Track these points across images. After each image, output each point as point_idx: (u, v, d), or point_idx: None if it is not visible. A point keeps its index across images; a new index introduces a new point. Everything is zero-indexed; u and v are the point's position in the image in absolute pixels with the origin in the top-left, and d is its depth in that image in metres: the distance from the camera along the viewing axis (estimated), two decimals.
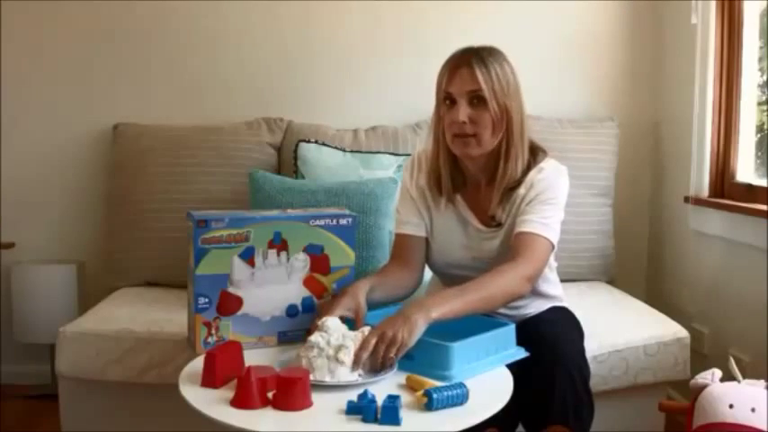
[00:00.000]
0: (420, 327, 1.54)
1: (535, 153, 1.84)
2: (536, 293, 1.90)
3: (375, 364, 1.51)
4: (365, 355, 1.50)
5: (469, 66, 1.74)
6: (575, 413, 1.64)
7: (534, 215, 1.76)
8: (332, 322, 1.56)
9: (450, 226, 1.88)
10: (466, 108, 1.74)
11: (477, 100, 1.74)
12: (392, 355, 1.51)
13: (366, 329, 1.57)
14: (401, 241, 1.92)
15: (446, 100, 1.78)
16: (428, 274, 2.04)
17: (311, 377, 1.46)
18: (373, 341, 1.51)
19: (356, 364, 1.50)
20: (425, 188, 1.90)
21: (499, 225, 1.83)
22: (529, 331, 1.74)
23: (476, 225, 1.85)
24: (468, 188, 1.88)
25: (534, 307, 1.91)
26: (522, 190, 1.80)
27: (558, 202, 1.81)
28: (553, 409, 1.63)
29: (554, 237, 1.77)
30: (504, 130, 1.77)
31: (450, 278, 1.89)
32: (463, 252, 1.87)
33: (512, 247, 1.76)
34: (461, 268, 1.86)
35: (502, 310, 1.85)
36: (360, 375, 1.51)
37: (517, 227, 1.77)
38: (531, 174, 1.80)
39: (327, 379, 1.48)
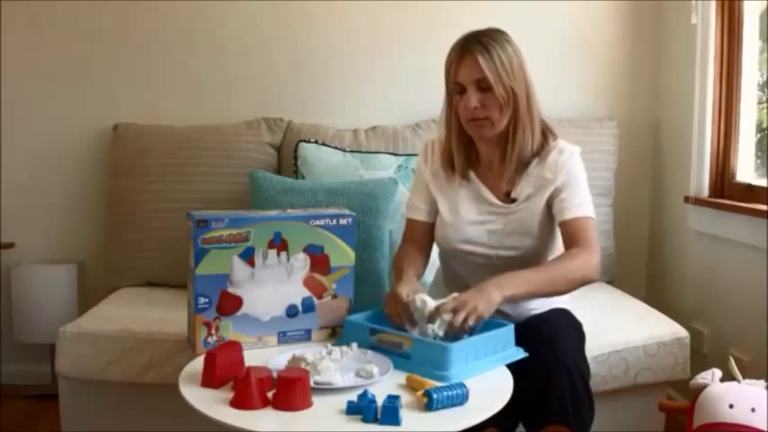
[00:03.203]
0: (495, 301, 1.65)
1: (545, 133, 1.90)
2: None
3: (451, 328, 1.60)
4: (446, 317, 1.61)
5: (472, 54, 1.80)
6: (574, 413, 1.64)
7: (575, 199, 1.84)
8: (426, 297, 1.67)
9: (465, 202, 1.93)
10: (475, 94, 1.81)
11: (484, 86, 1.80)
12: (470, 323, 1.60)
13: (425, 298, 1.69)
14: (413, 226, 2.01)
15: (456, 88, 1.85)
16: (430, 272, 2.06)
17: (315, 380, 1.47)
18: (451, 306, 1.62)
19: (431, 321, 1.63)
20: (439, 169, 1.96)
21: (513, 200, 1.88)
22: (528, 331, 1.75)
23: (492, 200, 1.90)
24: (482, 167, 1.94)
25: (538, 303, 1.92)
26: (547, 174, 1.85)
27: (585, 180, 1.89)
28: (552, 409, 1.63)
29: (593, 213, 1.87)
30: (511, 110, 1.83)
31: (462, 256, 1.93)
32: (478, 227, 1.91)
33: (567, 235, 1.83)
34: (475, 244, 1.91)
35: (505, 308, 1.86)
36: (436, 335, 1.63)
37: (562, 213, 1.84)
38: (553, 155, 1.87)
39: (335, 381, 1.49)
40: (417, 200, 2.01)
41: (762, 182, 2.41)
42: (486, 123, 1.83)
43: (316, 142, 2.67)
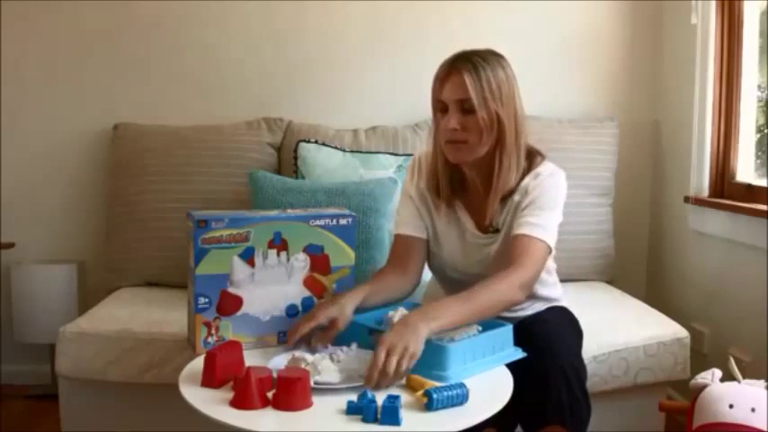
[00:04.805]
0: (424, 336, 1.51)
1: (533, 157, 1.83)
2: (534, 297, 1.89)
3: (386, 378, 1.45)
4: (375, 373, 1.44)
5: (459, 73, 1.72)
6: (571, 413, 1.63)
7: (530, 218, 1.75)
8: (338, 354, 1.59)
9: (450, 231, 1.88)
10: (456, 114, 1.73)
11: (467, 107, 1.73)
12: (404, 367, 1.47)
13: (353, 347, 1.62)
14: (400, 242, 1.91)
15: (439, 105, 1.78)
16: (426, 274, 2.05)
17: (315, 380, 1.47)
18: (383, 355, 1.45)
19: (368, 382, 1.44)
20: (426, 191, 1.90)
21: (497, 231, 1.83)
22: (525, 331, 1.74)
23: (473, 231, 1.85)
24: (469, 194, 1.87)
25: (533, 309, 1.91)
26: (517, 197, 1.79)
27: (555, 206, 1.80)
28: (549, 409, 1.62)
29: (551, 239, 1.77)
30: (495, 137, 1.75)
31: (451, 282, 1.90)
32: (463, 257, 1.87)
33: (509, 252, 1.76)
34: (462, 273, 1.86)
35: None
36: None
37: (513, 230, 1.77)
38: (527, 179, 1.80)
39: (335, 381, 1.49)
40: (404, 214, 1.92)
41: (762, 182, 2.41)
42: (463, 147, 1.74)
43: (316, 142, 2.67)
